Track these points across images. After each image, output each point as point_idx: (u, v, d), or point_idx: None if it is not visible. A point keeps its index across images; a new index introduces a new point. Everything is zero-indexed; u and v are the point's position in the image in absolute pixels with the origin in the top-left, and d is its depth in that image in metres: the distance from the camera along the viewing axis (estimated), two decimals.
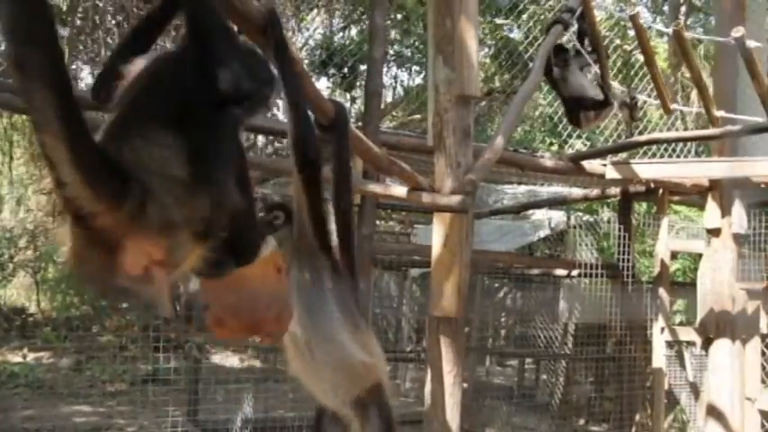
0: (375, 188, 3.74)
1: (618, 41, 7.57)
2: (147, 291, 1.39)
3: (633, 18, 5.07)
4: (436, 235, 3.46)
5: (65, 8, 9.02)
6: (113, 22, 9.28)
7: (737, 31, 4.42)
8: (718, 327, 5.74)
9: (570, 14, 4.60)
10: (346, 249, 1.94)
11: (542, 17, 9.26)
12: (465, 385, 5.01)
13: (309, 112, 1.89)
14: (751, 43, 4.41)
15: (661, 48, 9.07)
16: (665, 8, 13.62)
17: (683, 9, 11.75)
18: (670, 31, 5.20)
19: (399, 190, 3.44)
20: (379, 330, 10.81)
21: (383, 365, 1.98)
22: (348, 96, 11.58)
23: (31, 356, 9.69)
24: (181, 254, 1.41)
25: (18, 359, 9.54)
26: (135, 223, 1.31)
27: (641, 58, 6.08)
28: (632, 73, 8.50)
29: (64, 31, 8.69)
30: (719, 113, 5.28)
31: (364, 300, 5.71)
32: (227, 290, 1.48)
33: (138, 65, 1.57)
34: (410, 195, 3.36)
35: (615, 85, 5.92)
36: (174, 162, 1.37)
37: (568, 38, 5.20)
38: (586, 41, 5.10)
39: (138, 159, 1.34)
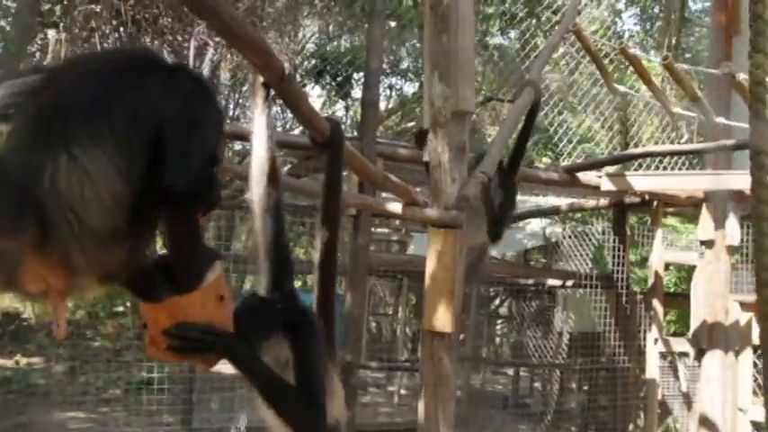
0: (370, 203, 3.74)
1: (612, 54, 7.60)
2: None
3: (623, 50, 5.14)
4: (431, 250, 3.46)
5: (58, 11, 8.98)
6: (109, 27, 9.28)
7: (725, 67, 4.50)
8: (711, 338, 5.77)
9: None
10: (326, 269, 1.86)
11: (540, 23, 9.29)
12: (458, 393, 5.03)
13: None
14: (740, 75, 4.48)
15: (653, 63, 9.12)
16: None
17: (673, 23, 11.78)
18: (659, 59, 5.31)
19: (394, 205, 3.45)
20: (374, 339, 10.81)
21: (340, 407, 1.83)
22: (342, 105, 11.58)
23: (24, 362, 9.65)
24: (81, 287, 1.33)
25: (11, 364, 9.50)
26: (31, 253, 1.20)
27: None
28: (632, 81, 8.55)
29: (59, 35, 8.65)
30: (719, 119, 5.31)
31: (359, 309, 5.73)
32: (164, 313, 1.42)
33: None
34: (405, 211, 3.37)
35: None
36: (98, 207, 1.23)
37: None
38: None
39: (55, 187, 1.19)
